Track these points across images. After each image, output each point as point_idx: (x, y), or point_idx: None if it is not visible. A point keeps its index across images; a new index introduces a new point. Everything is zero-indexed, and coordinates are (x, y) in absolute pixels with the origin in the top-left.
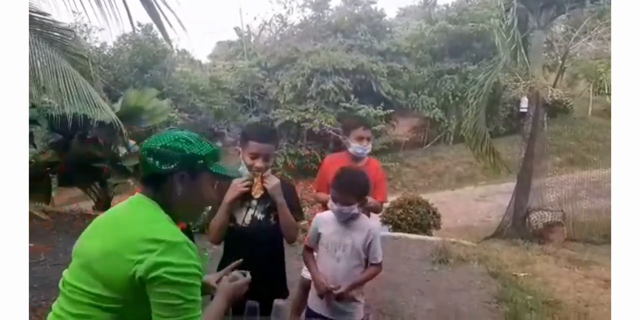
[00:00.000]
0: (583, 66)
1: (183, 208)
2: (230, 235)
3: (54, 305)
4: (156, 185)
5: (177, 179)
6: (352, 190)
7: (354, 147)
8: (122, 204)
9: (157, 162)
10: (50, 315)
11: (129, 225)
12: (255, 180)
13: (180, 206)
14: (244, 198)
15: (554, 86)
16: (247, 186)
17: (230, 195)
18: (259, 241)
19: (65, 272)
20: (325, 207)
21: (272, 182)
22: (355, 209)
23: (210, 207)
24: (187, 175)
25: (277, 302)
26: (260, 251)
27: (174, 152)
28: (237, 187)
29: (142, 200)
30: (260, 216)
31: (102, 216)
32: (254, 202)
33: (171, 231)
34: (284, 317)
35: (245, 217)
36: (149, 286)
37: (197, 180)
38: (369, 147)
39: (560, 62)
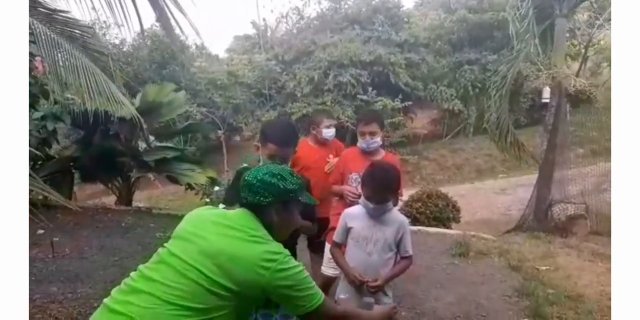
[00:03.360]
0: (607, 54)
1: (276, 231)
2: None
3: (145, 270)
4: (256, 211)
5: (273, 210)
6: (389, 186)
7: (359, 142)
8: (232, 213)
9: (256, 196)
10: (146, 283)
11: (251, 237)
12: None
13: (274, 230)
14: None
15: (576, 75)
16: None
17: None
18: None
19: (172, 246)
20: (342, 199)
21: None
22: (390, 204)
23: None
24: (281, 206)
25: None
26: None
27: (271, 187)
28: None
29: (251, 217)
30: None
31: (213, 213)
32: None
33: (280, 246)
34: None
35: None
36: (278, 289)
37: (288, 210)
38: (375, 142)
39: (583, 50)
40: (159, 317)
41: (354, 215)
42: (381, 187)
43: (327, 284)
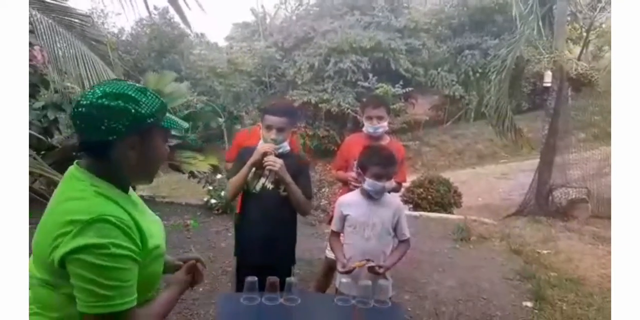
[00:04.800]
0: (609, 38)
1: (136, 173)
2: (245, 198)
3: None
4: (98, 153)
5: (126, 145)
6: (394, 161)
7: (366, 126)
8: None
9: (95, 130)
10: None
11: (52, 207)
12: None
13: (133, 172)
14: (259, 166)
15: (578, 59)
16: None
17: (253, 157)
18: (268, 208)
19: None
20: (346, 186)
21: (277, 163)
22: (393, 183)
23: (230, 165)
24: (137, 139)
25: (289, 279)
26: (269, 217)
27: (117, 114)
28: (259, 151)
29: (72, 174)
30: (269, 186)
31: None
32: (266, 172)
33: (89, 208)
34: (295, 293)
35: (256, 184)
36: (68, 269)
37: (150, 141)
38: (381, 126)
39: (584, 34)
40: None
41: (349, 203)
42: (388, 161)
43: (331, 267)
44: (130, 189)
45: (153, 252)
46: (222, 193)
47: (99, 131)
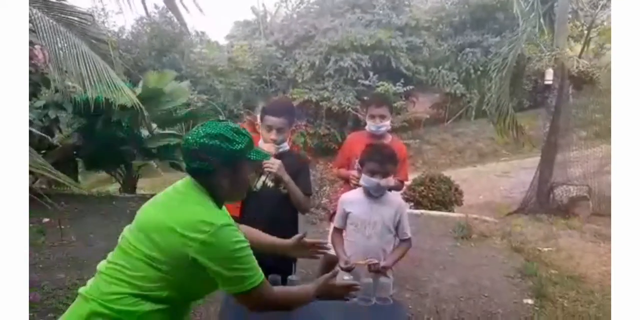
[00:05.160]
0: (610, 35)
1: (228, 195)
2: (245, 199)
3: (110, 255)
4: (201, 177)
5: (220, 175)
6: (392, 159)
7: (369, 124)
8: (178, 183)
9: (198, 163)
10: (104, 264)
11: (183, 206)
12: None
13: (226, 194)
14: (259, 164)
15: (579, 57)
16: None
17: None
18: (269, 206)
19: (126, 229)
20: (347, 184)
21: (275, 165)
22: (391, 181)
23: None
24: (229, 170)
25: (291, 277)
26: (270, 216)
27: (213, 151)
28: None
29: (193, 184)
30: (270, 184)
31: (165, 191)
32: (266, 170)
33: (216, 215)
34: None
35: (257, 182)
36: (208, 262)
37: (239, 172)
38: (384, 125)
39: (586, 31)
40: (98, 288)
41: (352, 200)
42: (384, 158)
43: (330, 263)
44: None
45: None
46: None
47: (200, 163)
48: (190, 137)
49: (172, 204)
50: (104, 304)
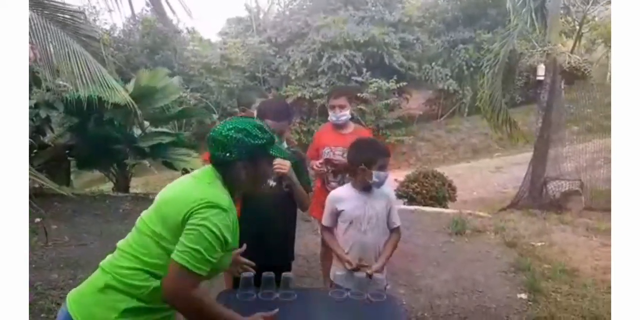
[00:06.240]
0: (601, 31)
1: (245, 186)
2: (246, 198)
3: (129, 234)
4: (222, 167)
5: (240, 166)
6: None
7: (330, 115)
8: (197, 170)
9: (221, 152)
10: (122, 241)
11: (195, 185)
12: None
13: (243, 185)
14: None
15: (571, 52)
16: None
17: None
18: (271, 206)
19: (144, 211)
20: (319, 176)
21: (286, 165)
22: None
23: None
24: (249, 163)
25: (285, 274)
26: (272, 215)
27: (237, 143)
28: None
29: (211, 171)
30: (272, 183)
31: (184, 176)
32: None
33: (221, 198)
34: (292, 289)
35: None
36: (185, 226)
37: (258, 165)
38: (343, 114)
39: (577, 27)
40: (113, 262)
41: (343, 197)
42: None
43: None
44: None
45: (229, 249)
46: None
47: (223, 153)
48: (217, 129)
49: (185, 184)
50: (117, 278)
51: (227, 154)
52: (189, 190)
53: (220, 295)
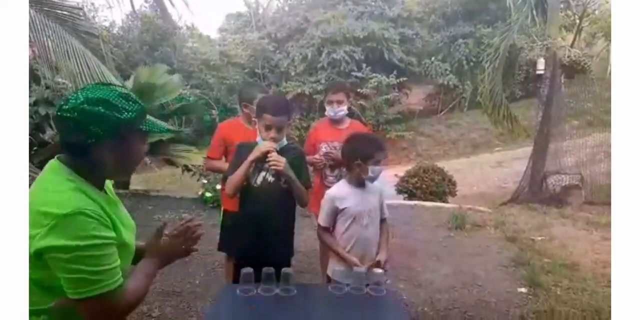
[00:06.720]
0: (601, 24)
1: (113, 172)
2: (244, 194)
3: None
4: (78, 153)
5: (105, 148)
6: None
7: (327, 110)
8: (45, 169)
9: (75, 135)
10: None
11: (30, 198)
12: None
13: (110, 171)
14: (259, 160)
15: (571, 46)
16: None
17: (253, 154)
18: (269, 201)
19: None
20: (317, 171)
21: (281, 163)
22: None
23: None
24: (116, 142)
25: (285, 270)
26: (270, 211)
27: (98, 121)
28: (262, 150)
29: (52, 167)
30: (270, 179)
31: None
32: (266, 165)
33: (64, 202)
34: (292, 284)
35: (257, 178)
36: (49, 264)
37: (128, 144)
38: (341, 110)
39: (577, 21)
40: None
41: (343, 196)
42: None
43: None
44: (111, 189)
45: (121, 246)
46: (217, 186)
47: (79, 134)
48: (66, 104)
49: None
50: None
51: (84, 136)
52: (31, 203)
53: (222, 291)
